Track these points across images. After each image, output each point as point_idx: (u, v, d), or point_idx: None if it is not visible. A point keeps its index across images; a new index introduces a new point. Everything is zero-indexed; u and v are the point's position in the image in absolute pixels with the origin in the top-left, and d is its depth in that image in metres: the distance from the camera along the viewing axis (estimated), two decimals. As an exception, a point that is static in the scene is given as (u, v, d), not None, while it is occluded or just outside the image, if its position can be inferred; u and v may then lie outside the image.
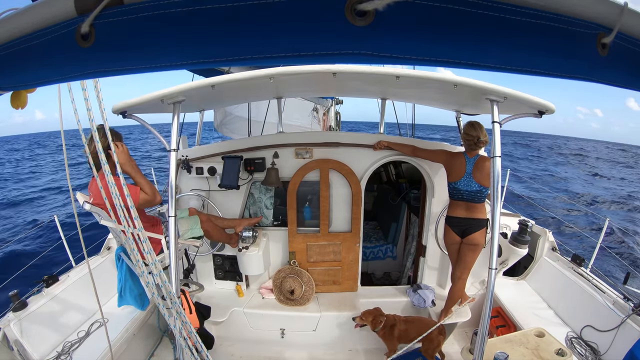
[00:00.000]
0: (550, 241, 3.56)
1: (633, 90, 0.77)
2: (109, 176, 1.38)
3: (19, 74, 0.78)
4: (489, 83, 1.77)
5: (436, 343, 2.57)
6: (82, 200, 2.07)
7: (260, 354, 3.16)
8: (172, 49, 0.59)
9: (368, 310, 2.86)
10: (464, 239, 2.70)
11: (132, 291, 2.52)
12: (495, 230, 1.75)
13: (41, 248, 7.84)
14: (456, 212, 2.71)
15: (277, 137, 3.21)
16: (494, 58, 0.59)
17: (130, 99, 1.86)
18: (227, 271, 3.46)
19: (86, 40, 0.60)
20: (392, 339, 2.76)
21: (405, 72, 1.87)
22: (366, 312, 2.85)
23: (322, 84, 2.57)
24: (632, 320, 2.43)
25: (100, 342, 2.52)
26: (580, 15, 0.60)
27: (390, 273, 4.45)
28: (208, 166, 3.02)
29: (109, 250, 3.40)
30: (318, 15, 0.51)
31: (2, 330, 2.26)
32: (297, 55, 0.55)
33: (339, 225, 3.34)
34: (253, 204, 3.44)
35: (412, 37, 0.53)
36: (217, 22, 0.54)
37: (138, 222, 1.43)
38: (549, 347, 2.19)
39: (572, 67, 0.67)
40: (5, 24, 0.68)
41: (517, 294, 3.31)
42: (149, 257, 1.44)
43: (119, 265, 2.45)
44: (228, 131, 6.23)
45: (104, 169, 1.35)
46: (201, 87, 1.89)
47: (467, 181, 2.61)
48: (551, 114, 1.92)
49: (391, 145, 3.03)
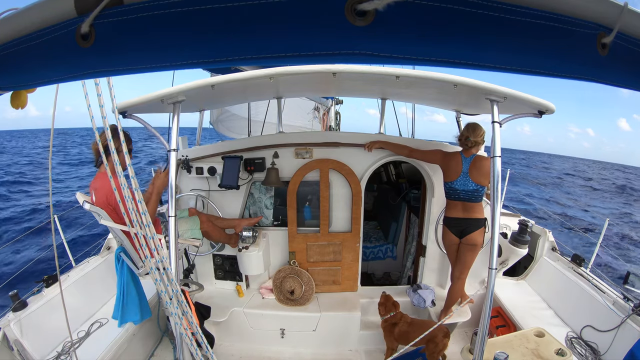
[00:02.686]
0: (550, 241, 3.56)
1: (633, 90, 0.77)
2: (121, 177, 1.39)
3: (19, 74, 0.78)
4: (489, 83, 1.77)
5: (441, 346, 2.56)
6: (82, 200, 2.07)
7: (260, 354, 3.16)
8: (171, 49, 0.59)
9: (390, 296, 2.90)
10: (462, 239, 2.70)
11: (133, 300, 2.50)
12: (495, 230, 1.75)
13: (41, 248, 7.85)
14: (453, 213, 2.70)
15: (277, 137, 3.21)
16: (494, 58, 0.59)
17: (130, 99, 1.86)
18: (227, 271, 3.46)
19: (86, 41, 0.61)
20: (391, 337, 2.76)
21: (405, 72, 1.87)
22: (387, 296, 2.90)
23: (322, 84, 2.57)
24: (632, 320, 2.43)
25: (100, 342, 2.52)
26: (580, 15, 0.60)
27: (390, 273, 4.45)
28: (208, 166, 3.02)
29: (109, 250, 3.40)
30: (318, 15, 0.51)
31: (2, 330, 2.26)
32: (297, 55, 0.55)
33: (339, 225, 3.34)
34: (253, 204, 3.44)
35: (412, 37, 0.53)
36: (216, 22, 0.54)
37: (146, 217, 1.43)
38: (549, 347, 2.18)
39: (572, 67, 0.67)
40: (5, 24, 0.68)
41: (517, 294, 3.31)
42: (156, 254, 1.44)
43: (118, 268, 2.42)
44: (224, 129, 6.23)
45: (117, 170, 1.35)
46: (201, 87, 1.89)
47: (463, 180, 2.61)
48: (551, 114, 1.92)
49: (385, 146, 3.00)
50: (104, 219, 2.07)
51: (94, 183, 2.21)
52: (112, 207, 2.13)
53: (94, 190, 2.19)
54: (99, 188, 2.15)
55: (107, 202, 2.12)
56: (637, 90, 0.77)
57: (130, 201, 1.40)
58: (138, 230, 1.43)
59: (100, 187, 2.14)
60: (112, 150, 1.31)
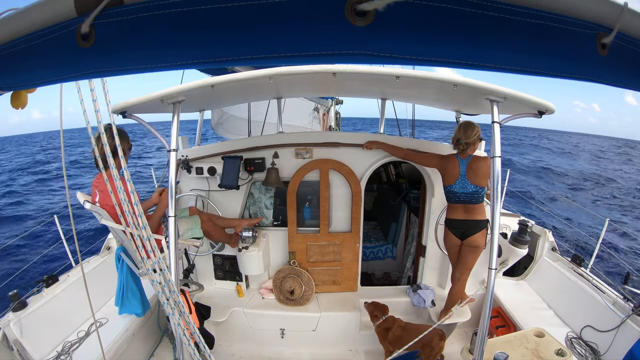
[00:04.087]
0: (550, 241, 3.56)
1: (633, 90, 0.77)
2: (117, 180, 1.39)
3: (19, 74, 0.78)
4: (489, 83, 1.77)
5: (437, 350, 2.56)
6: (83, 200, 2.07)
7: (260, 354, 3.16)
8: (171, 49, 0.59)
9: (374, 303, 2.90)
10: (464, 241, 2.67)
11: (134, 294, 2.53)
12: (495, 231, 1.75)
13: (41, 248, 7.86)
14: (455, 215, 2.68)
15: (277, 137, 3.21)
16: (494, 58, 0.59)
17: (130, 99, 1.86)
18: (227, 271, 3.46)
19: (86, 41, 0.61)
20: (385, 342, 2.76)
21: (405, 72, 1.87)
22: (370, 304, 2.89)
23: (322, 84, 2.57)
24: (632, 320, 2.43)
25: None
26: (580, 15, 0.60)
27: (390, 273, 4.45)
28: (208, 166, 3.02)
29: (109, 250, 3.41)
30: (318, 15, 0.51)
31: (2, 330, 2.26)
32: (297, 55, 0.55)
33: (338, 225, 3.34)
34: (253, 204, 3.44)
35: (412, 37, 0.53)
36: (216, 23, 0.54)
37: (143, 220, 1.43)
38: (549, 347, 2.18)
39: (572, 67, 0.67)
40: (5, 24, 0.68)
41: (517, 294, 3.31)
42: (152, 255, 1.45)
43: (119, 267, 2.45)
44: (224, 131, 6.23)
45: (112, 172, 1.35)
46: (201, 87, 1.89)
47: (462, 183, 2.58)
48: (551, 114, 1.92)
49: (382, 147, 2.98)
50: (105, 218, 2.07)
51: (98, 183, 2.22)
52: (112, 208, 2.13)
53: (97, 190, 2.19)
54: (103, 191, 2.15)
55: (110, 205, 2.13)
56: (637, 90, 0.77)
57: (126, 204, 1.40)
58: (134, 232, 1.43)
59: (104, 190, 2.15)
60: (109, 155, 1.31)
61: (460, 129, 2.56)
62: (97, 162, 2.11)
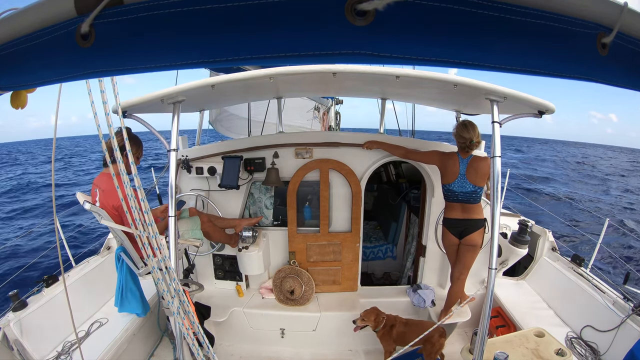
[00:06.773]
0: (550, 241, 3.55)
1: (633, 90, 0.77)
2: (124, 175, 1.39)
3: (19, 74, 0.78)
4: (489, 83, 1.77)
5: (438, 346, 2.56)
6: (82, 200, 2.07)
7: (260, 354, 3.16)
8: (171, 49, 0.59)
9: (367, 311, 2.85)
10: (462, 240, 2.69)
11: (133, 294, 2.53)
12: (495, 230, 1.75)
13: (41, 248, 7.86)
14: (453, 214, 2.69)
15: (277, 137, 3.21)
16: (494, 58, 0.59)
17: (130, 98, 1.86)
18: (227, 271, 3.46)
19: (86, 40, 0.61)
20: (389, 340, 2.75)
21: (405, 72, 1.86)
22: (366, 313, 2.83)
23: (322, 84, 2.57)
24: (632, 320, 2.43)
25: (100, 342, 2.52)
26: (580, 15, 0.60)
27: (390, 273, 4.45)
28: (208, 166, 3.02)
29: (109, 250, 3.40)
30: (318, 15, 0.51)
31: (2, 330, 2.26)
32: (297, 55, 0.55)
33: (338, 225, 3.34)
34: (253, 204, 3.44)
35: (411, 37, 0.53)
36: (216, 22, 0.54)
37: (149, 216, 1.43)
38: (549, 347, 2.18)
39: (572, 67, 0.67)
40: (5, 24, 0.68)
41: (517, 294, 3.31)
42: (158, 253, 1.45)
43: (118, 267, 2.45)
44: (223, 129, 6.23)
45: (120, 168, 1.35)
46: (201, 87, 1.89)
47: (461, 182, 2.58)
48: (551, 113, 1.92)
49: (381, 146, 2.98)
50: (105, 219, 2.07)
51: (99, 182, 2.22)
52: (116, 208, 2.14)
53: (98, 190, 2.19)
54: (105, 190, 2.15)
55: (113, 206, 2.13)
56: (637, 90, 0.77)
57: (132, 199, 1.40)
58: (141, 230, 1.43)
59: (106, 189, 2.15)
60: (116, 149, 1.31)
61: (467, 129, 2.53)
62: (106, 159, 2.12)
